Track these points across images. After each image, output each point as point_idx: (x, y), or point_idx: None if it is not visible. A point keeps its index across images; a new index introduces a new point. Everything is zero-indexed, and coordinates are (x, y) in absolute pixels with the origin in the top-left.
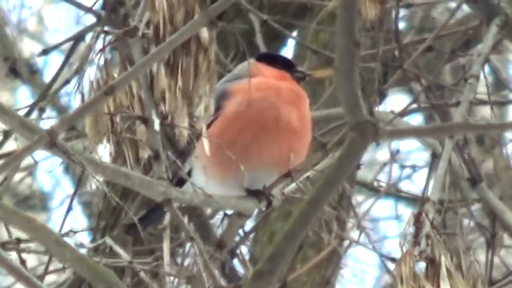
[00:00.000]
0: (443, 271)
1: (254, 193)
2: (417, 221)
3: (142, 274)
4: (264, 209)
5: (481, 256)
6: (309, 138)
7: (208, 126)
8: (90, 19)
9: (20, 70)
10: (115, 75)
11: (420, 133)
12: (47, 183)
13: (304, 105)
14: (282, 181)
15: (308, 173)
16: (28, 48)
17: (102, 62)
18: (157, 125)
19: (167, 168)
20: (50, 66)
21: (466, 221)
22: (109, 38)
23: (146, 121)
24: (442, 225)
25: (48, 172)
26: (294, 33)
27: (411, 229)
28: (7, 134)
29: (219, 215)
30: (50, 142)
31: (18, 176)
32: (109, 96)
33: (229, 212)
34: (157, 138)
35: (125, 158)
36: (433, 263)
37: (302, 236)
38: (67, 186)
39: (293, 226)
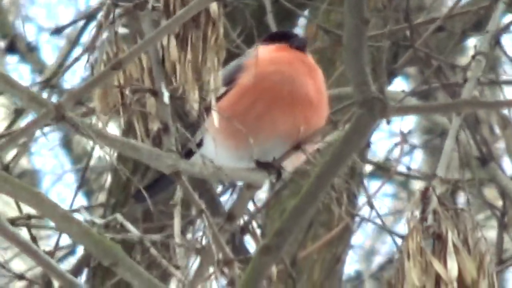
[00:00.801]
0: (450, 246)
1: (263, 165)
2: (424, 197)
3: (152, 249)
4: (273, 181)
5: (491, 235)
6: (326, 111)
7: (220, 98)
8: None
9: (18, 47)
10: (125, 49)
11: (427, 110)
12: (42, 160)
13: (318, 76)
14: (292, 153)
15: (318, 145)
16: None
17: (112, 35)
18: (166, 98)
19: (176, 141)
20: (48, 45)
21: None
22: (118, 11)
23: (156, 94)
24: (452, 202)
25: (49, 150)
26: (305, 13)
27: (419, 205)
28: (18, 112)
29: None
30: (59, 115)
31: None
32: (116, 70)
33: (238, 183)
34: (167, 111)
35: (135, 131)
36: (440, 239)
37: (310, 212)
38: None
39: (300, 202)
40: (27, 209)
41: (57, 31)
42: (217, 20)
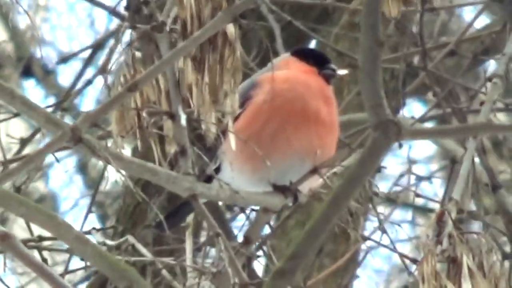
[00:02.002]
0: (465, 270)
1: (280, 189)
2: (440, 220)
3: (164, 272)
4: (290, 204)
5: None
6: (337, 134)
7: (237, 118)
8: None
9: (34, 71)
10: (142, 71)
11: (443, 133)
12: (59, 184)
13: (332, 102)
14: (309, 177)
15: (335, 169)
16: (42, 49)
17: (129, 57)
18: (183, 120)
19: (193, 164)
20: (62, 69)
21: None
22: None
23: (173, 116)
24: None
25: (65, 172)
26: (314, 40)
27: (433, 229)
28: (24, 142)
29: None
30: (75, 137)
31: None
32: (132, 92)
33: (255, 208)
34: (184, 134)
35: (151, 154)
36: (455, 263)
37: (324, 235)
38: (79, 186)
39: (314, 224)
40: (38, 231)
41: (63, 60)
42: (234, 41)
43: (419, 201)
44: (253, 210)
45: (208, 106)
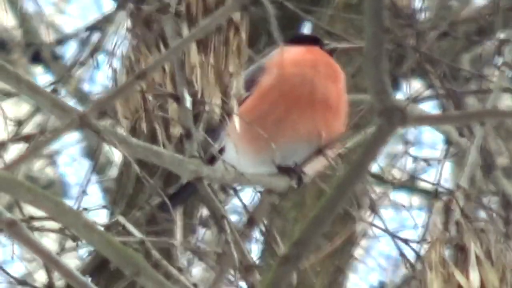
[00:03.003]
0: (472, 258)
1: (285, 170)
2: (447, 207)
3: (154, 252)
4: (295, 186)
5: None
6: (345, 115)
7: (243, 101)
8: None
9: (43, 56)
10: (147, 53)
11: (448, 119)
12: (68, 171)
13: (341, 79)
14: (314, 158)
15: (339, 150)
16: (49, 34)
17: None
18: (189, 103)
19: (198, 146)
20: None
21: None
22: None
23: (178, 99)
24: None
25: (73, 160)
26: (308, 23)
27: (440, 216)
28: (21, 123)
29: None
30: (82, 122)
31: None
32: (141, 80)
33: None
34: (189, 116)
35: (156, 137)
36: (462, 250)
37: (329, 222)
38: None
39: (320, 211)
40: (29, 211)
41: (60, 42)
42: (240, 24)
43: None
44: (257, 191)
45: (213, 88)
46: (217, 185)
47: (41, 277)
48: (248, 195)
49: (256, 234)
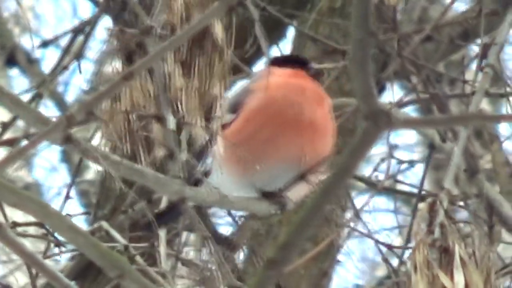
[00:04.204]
0: (457, 260)
1: (268, 195)
2: (431, 209)
3: (138, 257)
4: (278, 212)
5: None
6: (332, 139)
7: (229, 123)
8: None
9: (18, 59)
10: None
11: (434, 123)
12: (43, 173)
13: (326, 105)
14: (297, 183)
15: (323, 176)
16: (25, 38)
17: (117, 61)
18: (172, 124)
19: (182, 168)
20: (47, 57)
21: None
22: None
23: (162, 120)
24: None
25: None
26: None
27: (424, 218)
28: (5, 126)
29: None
30: (65, 137)
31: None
32: (128, 81)
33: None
34: (172, 137)
35: (139, 157)
36: (446, 252)
37: (314, 225)
38: (64, 175)
39: (305, 215)
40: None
41: (44, 45)
42: (223, 46)
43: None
44: (241, 216)
45: (197, 110)
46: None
47: (18, 279)
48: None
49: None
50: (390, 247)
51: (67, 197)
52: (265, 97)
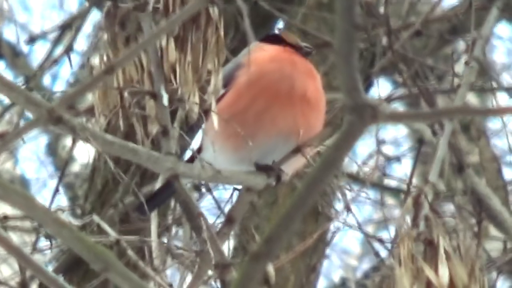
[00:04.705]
0: (441, 253)
1: (263, 168)
2: (416, 203)
3: (129, 251)
4: (273, 184)
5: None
6: (324, 111)
7: (221, 98)
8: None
9: (4, 52)
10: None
11: (419, 116)
12: (29, 166)
13: (317, 79)
14: (292, 156)
15: (317, 148)
16: (11, 31)
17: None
18: (166, 100)
19: (175, 144)
20: (34, 50)
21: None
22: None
23: (155, 96)
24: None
25: (34, 154)
26: (281, 22)
27: (410, 212)
28: None
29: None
30: (56, 117)
31: None
32: (109, 75)
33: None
34: (166, 114)
35: (133, 134)
36: (431, 245)
37: (300, 218)
38: (50, 168)
39: (291, 208)
40: (3, 210)
41: (31, 40)
42: (218, 21)
43: (391, 183)
44: (235, 189)
45: (191, 85)
46: (191, 184)
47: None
48: (224, 194)
49: (233, 232)
50: (380, 240)
51: (56, 190)
52: (256, 70)
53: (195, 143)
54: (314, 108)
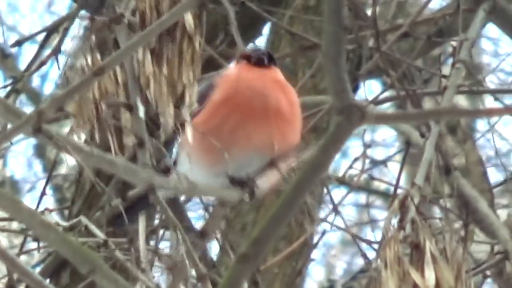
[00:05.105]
0: (428, 256)
1: (238, 183)
2: (403, 205)
3: (117, 252)
4: (247, 199)
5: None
6: (299, 124)
7: (196, 115)
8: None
9: None
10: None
11: (407, 117)
12: (18, 168)
13: (290, 91)
14: (267, 170)
15: (292, 163)
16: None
17: (87, 48)
18: (142, 113)
19: (151, 156)
20: (22, 52)
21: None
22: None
23: (131, 108)
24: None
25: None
26: (268, 25)
27: (396, 214)
28: None
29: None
30: (35, 127)
31: None
32: (98, 76)
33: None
34: (142, 126)
35: (109, 145)
36: (417, 248)
37: (287, 220)
38: (38, 170)
39: (278, 210)
40: None
41: (18, 43)
42: (193, 34)
43: (381, 186)
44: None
45: (166, 98)
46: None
47: None
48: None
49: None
50: (369, 242)
51: (43, 193)
52: (229, 88)
53: (171, 156)
54: (289, 122)
